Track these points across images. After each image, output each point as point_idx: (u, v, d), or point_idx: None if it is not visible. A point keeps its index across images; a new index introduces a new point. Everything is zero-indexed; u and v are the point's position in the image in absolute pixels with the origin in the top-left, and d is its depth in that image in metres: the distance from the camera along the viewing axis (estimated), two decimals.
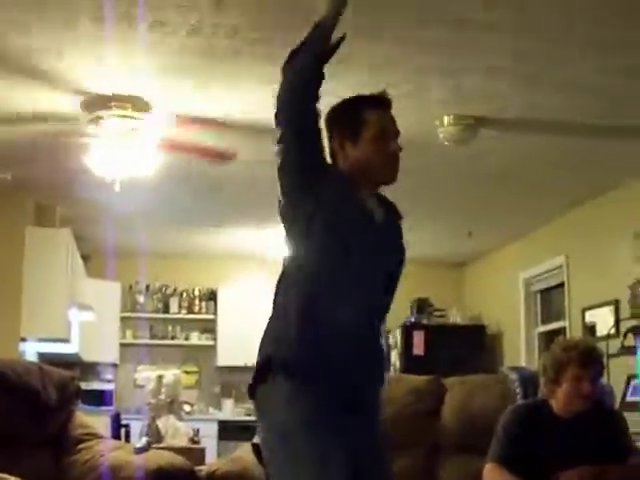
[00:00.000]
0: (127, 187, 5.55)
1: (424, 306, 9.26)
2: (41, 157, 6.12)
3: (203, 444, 6.03)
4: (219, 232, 8.66)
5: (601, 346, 4.18)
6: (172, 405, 5.71)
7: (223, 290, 9.82)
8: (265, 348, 2.35)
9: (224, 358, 9.58)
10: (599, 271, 7.08)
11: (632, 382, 6.04)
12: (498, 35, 4.22)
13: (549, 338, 7.87)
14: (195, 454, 5.19)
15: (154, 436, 5.29)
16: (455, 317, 9.35)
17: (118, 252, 8.95)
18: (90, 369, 9.21)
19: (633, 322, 6.33)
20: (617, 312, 6.68)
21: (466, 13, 4.00)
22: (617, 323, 6.59)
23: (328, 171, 2.42)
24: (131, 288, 9.81)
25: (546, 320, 8.46)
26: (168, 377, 5.80)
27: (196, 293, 9.93)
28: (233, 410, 9.51)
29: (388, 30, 4.19)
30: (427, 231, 8.40)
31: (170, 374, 5.89)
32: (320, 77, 2.37)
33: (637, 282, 6.44)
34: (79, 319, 7.91)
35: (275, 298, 2.40)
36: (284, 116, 2.38)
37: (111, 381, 9.41)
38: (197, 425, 6.43)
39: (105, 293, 9.11)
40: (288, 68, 2.38)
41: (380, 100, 2.49)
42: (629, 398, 5.97)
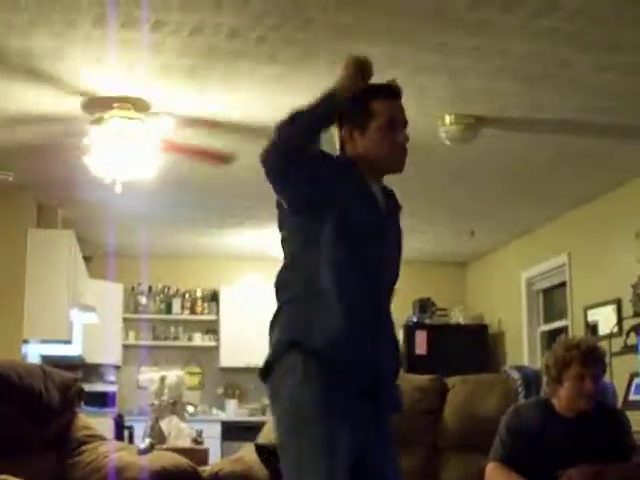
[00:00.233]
0: (129, 188, 5.55)
1: (426, 306, 9.26)
2: (43, 158, 6.13)
3: (206, 445, 6.02)
4: (221, 233, 8.66)
5: (603, 345, 4.18)
6: (175, 406, 5.70)
7: (225, 291, 9.81)
8: (282, 333, 2.35)
9: (227, 359, 9.58)
10: (601, 270, 7.08)
11: (635, 381, 6.03)
12: (499, 35, 4.23)
13: (551, 337, 7.86)
14: (198, 455, 5.18)
15: (157, 437, 5.28)
16: (457, 316, 9.35)
17: (120, 253, 8.96)
18: (93, 371, 9.20)
19: (636, 321, 6.33)
20: (619, 311, 6.67)
21: (467, 13, 4.00)
22: (620, 322, 6.59)
23: (331, 165, 2.40)
24: (133, 289, 9.80)
25: (548, 319, 8.46)
26: (171, 378, 5.79)
27: (198, 294, 9.92)
28: (236, 411, 9.51)
29: (389, 30, 4.19)
30: (429, 231, 8.40)
31: (173, 375, 5.87)
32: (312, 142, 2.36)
33: None
34: (81, 321, 7.91)
35: (287, 283, 2.41)
36: (274, 169, 2.32)
37: (114, 383, 9.41)
38: (200, 426, 6.42)
39: (107, 294, 9.11)
40: (286, 127, 2.32)
41: (389, 90, 2.50)
42: (632, 397, 5.97)
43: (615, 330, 6.55)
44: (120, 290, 9.54)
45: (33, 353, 7.41)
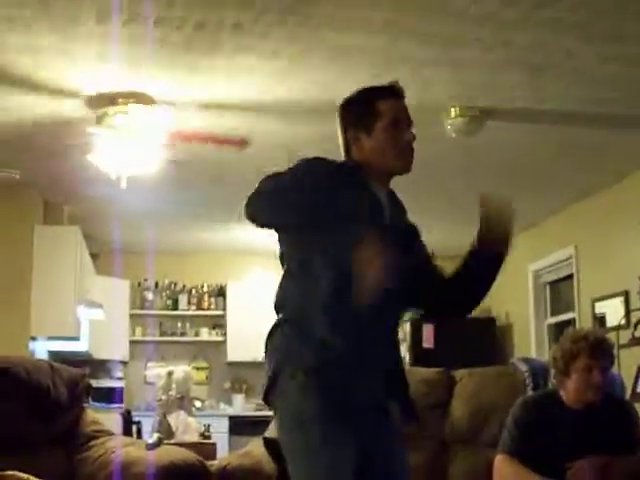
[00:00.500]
0: (134, 184, 5.55)
1: None
2: (48, 155, 6.13)
3: (214, 439, 6.05)
4: (227, 228, 8.65)
5: (611, 337, 4.16)
6: (183, 401, 5.72)
7: (232, 286, 9.82)
8: (279, 356, 2.32)
9: (234, 353, 9.59)
10: (608, 262, 7.06)
11: None
12: (503, 26, 4.21)
13: (559, 330, 7.86)
14: (206, 449, 5.20)
15: (165, 432, 5.30)
16: None
17: (126, 249, 8.97)
18: (100, 367, 9.22)
19: None
20: (627, 303, 6.66)
21: (470, 4, 3.99)
22: (627, 314, 6.57)
23: (332, 179, 2.33)
24: (140, 285, 9.83)
25: (556, 312, 8.44)
26: (178, 373, 5.80)
27: (205, 289, 9.94)
28: (244, 405, 9.53)
29: (393, 23, 4.18)
30: (434, 224, 8.36)
31: (180, 370, 5.89)
32: None
33: None
34: (88, 317, 7.92)
35: (284, 295, 2.40)
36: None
37: (121, 378, 9.43)
38: (208, 421, 6.45)
39: (114, 290, 9.13)
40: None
41: (392, 90, 2.49)
42: None
43: (623, 322, 6.54)
44: (127, 286, 9.57)
45: (41, 350, 7.43)
